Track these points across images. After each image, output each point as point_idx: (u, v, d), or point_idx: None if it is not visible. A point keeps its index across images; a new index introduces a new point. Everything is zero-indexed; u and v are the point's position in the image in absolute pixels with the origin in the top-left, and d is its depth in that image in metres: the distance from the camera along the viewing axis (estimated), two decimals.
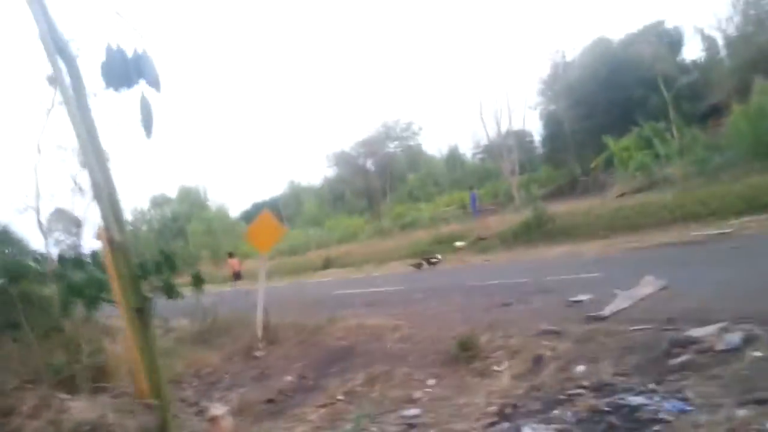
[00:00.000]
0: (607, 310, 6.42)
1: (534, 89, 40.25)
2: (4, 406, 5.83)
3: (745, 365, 4.23)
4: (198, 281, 8.51)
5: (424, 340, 7.45)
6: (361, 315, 10.16)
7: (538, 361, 5.69)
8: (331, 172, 49.69)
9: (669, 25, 35.72)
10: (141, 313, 4.29)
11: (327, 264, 26.34)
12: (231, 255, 27.27)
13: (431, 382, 6.04)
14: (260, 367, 8.56)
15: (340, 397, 6.15)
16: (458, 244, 20.13)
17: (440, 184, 46.78)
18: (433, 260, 17.08)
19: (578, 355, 5.51)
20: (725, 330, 4.96)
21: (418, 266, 17.21)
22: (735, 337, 4.73)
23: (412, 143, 47.25)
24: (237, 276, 25.75)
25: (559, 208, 20.59)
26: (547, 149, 45.17)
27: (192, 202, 56.87)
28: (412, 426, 4.98)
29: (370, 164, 45.19)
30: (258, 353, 9.16)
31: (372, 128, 45.77)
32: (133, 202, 73.43)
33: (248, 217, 70.23)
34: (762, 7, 26.08)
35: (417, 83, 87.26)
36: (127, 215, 60.81)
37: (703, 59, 33.22)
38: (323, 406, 5.99)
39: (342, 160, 46.13)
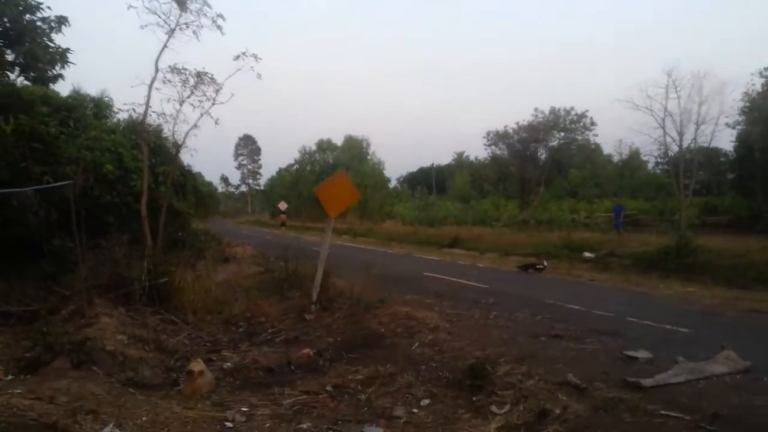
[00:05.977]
0: (650, 380, 5.23)
1: (736, 105, 34.40)
2: None
3: None
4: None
5: (452, 350, 6.78)
6: (420, 305, 9.69)
7: (542, 416, 4.83)
8: (492, 150, 48.03)
9: None
10: None
11: (454, 243, 25.74)
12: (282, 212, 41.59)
13: (424, 402, 5.42)
14: (300, 331, 8.41)
15: (328, 388, 5.75)
16: (586, 254, 18.51)
17: (602, 187, 43.62)
18: (539, 266, 15.91)
19: (587, 424, 4.56)
20: None
21: (524, 269, 16.12)
22: None
23: (580, 137, 43.93)
24: (283, 224, 39.15)
25: (718, 242, 17.98)
26: (736, 175, 39.86)
27: (354, 153, 58.92)
28: None
29: (532, 150, 42.80)
30: (308, 316, 9.04)
31: (540, 114, 42.95)
32: (303, 142, 79.61)
33: (411, 179, 71.08)
34: None
35: (603, 71, 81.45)
36: (296, 154, 64.97)
37: None
38: (306, 393, 5.63)
39: (502, 140, 44.25)
